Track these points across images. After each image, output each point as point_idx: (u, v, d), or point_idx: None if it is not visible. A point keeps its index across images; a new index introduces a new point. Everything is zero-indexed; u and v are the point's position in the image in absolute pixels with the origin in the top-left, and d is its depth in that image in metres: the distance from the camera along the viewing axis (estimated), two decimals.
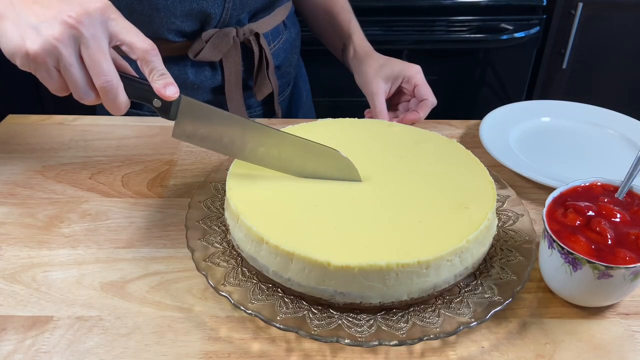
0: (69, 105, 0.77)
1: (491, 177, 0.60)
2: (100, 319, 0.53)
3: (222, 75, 0.84)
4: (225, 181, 0.62)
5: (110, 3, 0.50)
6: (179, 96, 0.55)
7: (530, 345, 0.51)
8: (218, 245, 0.56)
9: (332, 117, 0.71)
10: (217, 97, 0.87)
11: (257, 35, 0.82)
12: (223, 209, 0.61)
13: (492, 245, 0.57)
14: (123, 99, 0.53)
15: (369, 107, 0.85)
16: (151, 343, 0.50)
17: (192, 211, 0.60)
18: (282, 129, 0.67)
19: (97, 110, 0.95)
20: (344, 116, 0.75)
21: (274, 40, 0.89)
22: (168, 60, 0.82)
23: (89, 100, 0.52)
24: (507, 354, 0.50)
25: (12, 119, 0.85)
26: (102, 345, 0.50)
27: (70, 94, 0.53)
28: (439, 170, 0.61)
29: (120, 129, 0.82)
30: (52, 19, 0.47)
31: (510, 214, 0.62)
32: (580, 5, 1.50)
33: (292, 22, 0.96)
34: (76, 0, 0.49)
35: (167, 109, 0.56)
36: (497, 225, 0.58)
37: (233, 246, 0.56)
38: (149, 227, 0.64)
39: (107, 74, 0.50)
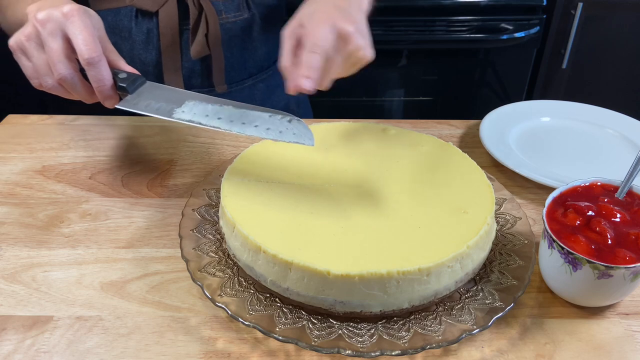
0: (70, 106, 0.77)
1: (489, 181, 0.60)
2: (100, 319, 0.53)
3: (158, 27, 0.85)
4: (218, 188, 0.62)
5: (78, 6, 0.57)
6: (144, 80, 0.60)
7: (530, 345, 0.51)
8: (213, 255, 0.56)
9: (332, 117, 0.71)
10: (152, 55, 0.87)
11: None
12: (217, 216, 0.60)
13: (491, 250, 0.57)
14: (81, 89, 0.59)
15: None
16: (151, 343, 0.50)
17: (186, 219, 0.59)
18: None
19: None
20: (344, 116, 0.75)
21: (227, 12, 0.88)
22: (119, 12, 0.84)
23: (49, 85, 0.59)
24: (507, 354, 0.50)
25: (12, 119, 0.85)
26: (102, 345, 0.50)
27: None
28: (436, 174, 0.61)
29: (120, 129, 0.82)
30: (29, 22, 0.58)
31: (508, 217, 0.61)
32: (580, 5, 1.50)
33: (264, 12, 0.93)
34: (56, 6, 0.57)
35: (131, 88, 0.59)
36: (496, 229, 0.58)
37: (229, 255, 0.56)
38: (149, 227, 0.64)
39: (59, 70, 0.56)
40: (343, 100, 1.68)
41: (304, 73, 0.54)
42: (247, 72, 0.96)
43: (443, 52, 1.61)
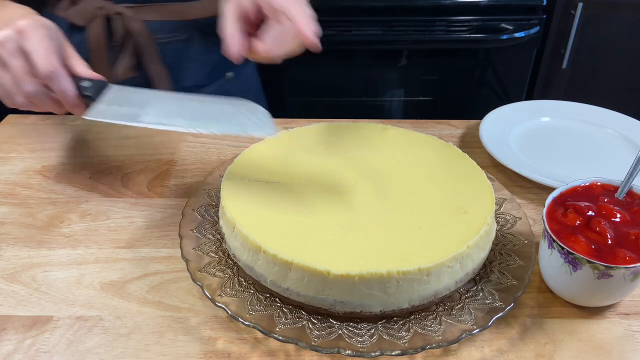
0: None
1: (489, 181, 0.60)
2: (100, 319, 0.53)
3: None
4: (218, 188, 0.62)
5: (32, 20, 0.57)
6: (108, 85, 0.60)
7: (530, 345, 0.51)
8: (213, 255, 0.56)
9: (332, 118, 0.71)
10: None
11: (121, 15, 0.83)
12: (217, 216, 0.60)
13: (491, 250, 0.57)
14: (49, 103, 0.59)
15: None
16: (151, 343, 0.50)
17: (186, 219, 0.59)
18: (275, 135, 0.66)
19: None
20: (344, 116, 0.75)
21: (163, 32, 0.88)
22: (46, 15, 0.83)
23: (20, 103, 0.59)
24: (507, 354, 0.50)
25: (12, 119, 0.85)
26: (102, 345, 0.50)
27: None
28: (436, 174, 0.61)
29: (120, 129, 0.82)
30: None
31: (508, 217, 0.61)
32: (580, 5, 1.50)
33: (202, 34, 0.91)
34: (10, 21, 0.57)
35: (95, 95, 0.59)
36: (496, 229, 0.58)
37: (229, 255, 0.55)
38: (149, 227, 0.64)
39: (26, 88, 0.57)
40: (343, 100, 1.68)
41: (310, 26, 0.54)
42: (182, 90, 0.95)
43: (443, 52, 1.61)
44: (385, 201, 0.56)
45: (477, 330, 0.48)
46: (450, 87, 1.68)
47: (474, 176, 0.60)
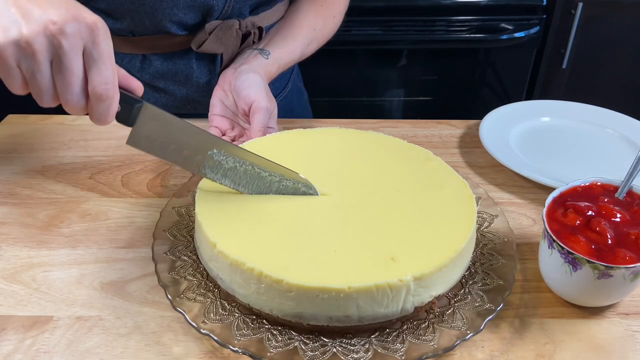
0: None
1: (471, 192, 0.57)
2: (100, 319, 0.53)
3: (220, 67, 0.84)
4: (188, 205, 0.60)
5: (102, 21, 0.46)
6: (142, 103, 0.51)
7: (530, 345, 0.51)
8: (191, 278, 0.53)
9: (332, 117, 0.71)
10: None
11: (260, 28, 0.83)
12: (190, 236, 0.58)
13: (473, 250, 0.55)
14: (80, 112, 0.49)
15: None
16: (151, 343, 0.50)
17: (158, 242, 0.56)
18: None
19: None
20: (343, 116, 0.75)
21: None
22: (173, 56, 0.82)
23: (48, 105, 0.49)
24: (507, 354, 0.50)
25: (12, 119, 0.85)
26: (102, 345, 0.50)
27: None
28: (416, 185, 0.58)
29: (120, 129, 0.82)
30: (35, 20, 0.43)
31: (485, 215, 0.60)
32: (580, 5, 1.50)
33: None
34: (69, 3, 0.45)
35: (126, 114, 0.51)
36: (476, 229, 0.56)
37: (208, 276, 0.53)
38: (149, 227, 0.64)
39: (72, 102, 0.47)
40: (343, 100, 1.68)
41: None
42: (283, 82, 0.97)
43: (443, 52, 1.62)
44: (366, 214, 0.54)
45: (471, 335, 0.48)
46: (450, 87, 1.68)
47: (453, 181, 0.58)
